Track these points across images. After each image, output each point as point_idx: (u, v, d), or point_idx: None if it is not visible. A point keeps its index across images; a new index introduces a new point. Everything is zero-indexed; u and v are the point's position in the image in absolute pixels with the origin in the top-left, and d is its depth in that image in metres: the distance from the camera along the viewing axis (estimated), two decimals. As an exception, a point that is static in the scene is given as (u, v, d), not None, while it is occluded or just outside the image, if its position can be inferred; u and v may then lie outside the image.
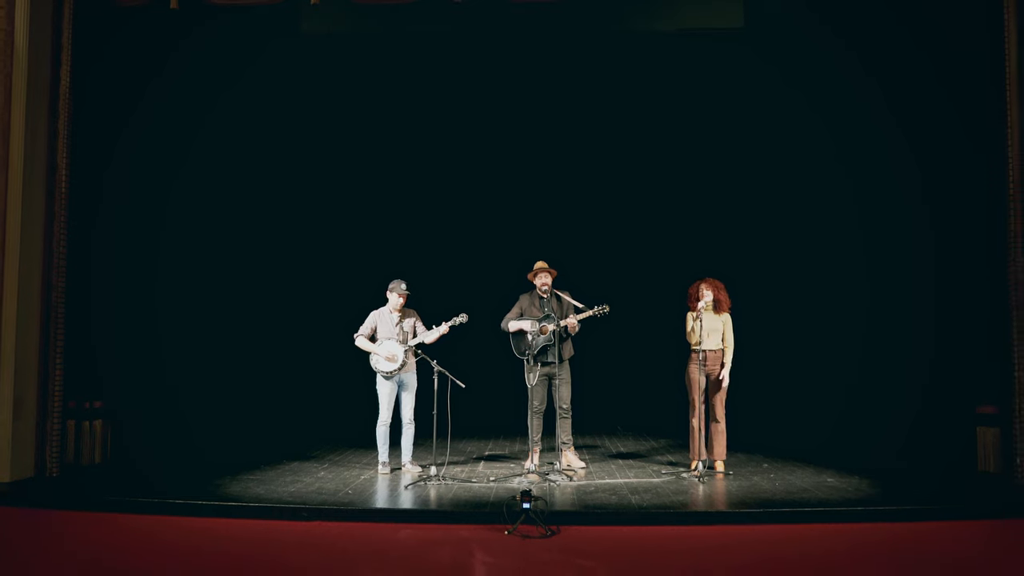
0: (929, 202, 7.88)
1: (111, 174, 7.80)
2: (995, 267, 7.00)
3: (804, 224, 9.59)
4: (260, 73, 9.39)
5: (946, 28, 7.49)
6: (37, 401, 7.00)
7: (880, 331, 8.56)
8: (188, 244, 8.94)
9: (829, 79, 8.98)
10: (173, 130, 8.59)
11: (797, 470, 7.35)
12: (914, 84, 7.96)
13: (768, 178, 9.91)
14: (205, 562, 4.91)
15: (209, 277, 9.24)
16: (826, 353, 9.20)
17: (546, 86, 10.01)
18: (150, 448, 8.06)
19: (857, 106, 8.75)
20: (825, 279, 9.29)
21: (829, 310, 9.23)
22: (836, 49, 8.71)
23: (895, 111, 8.23)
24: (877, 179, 8.63)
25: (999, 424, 7.00)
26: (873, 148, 8.67)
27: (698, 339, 7.04)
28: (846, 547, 5.20)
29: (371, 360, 7.27)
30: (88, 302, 7.51)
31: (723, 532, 5.54)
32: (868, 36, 8.33)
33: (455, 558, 4.99)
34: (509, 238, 9.98)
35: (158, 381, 8.42)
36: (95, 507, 6.11)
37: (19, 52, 6.87)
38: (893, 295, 8.40)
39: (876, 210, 8.65)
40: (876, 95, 8.42)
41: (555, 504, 5.93)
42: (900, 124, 8.18)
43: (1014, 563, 4.94)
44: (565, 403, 7.30)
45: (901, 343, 8.26)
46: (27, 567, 4.80)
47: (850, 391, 8.82)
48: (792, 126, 9.53)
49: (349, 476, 7.12)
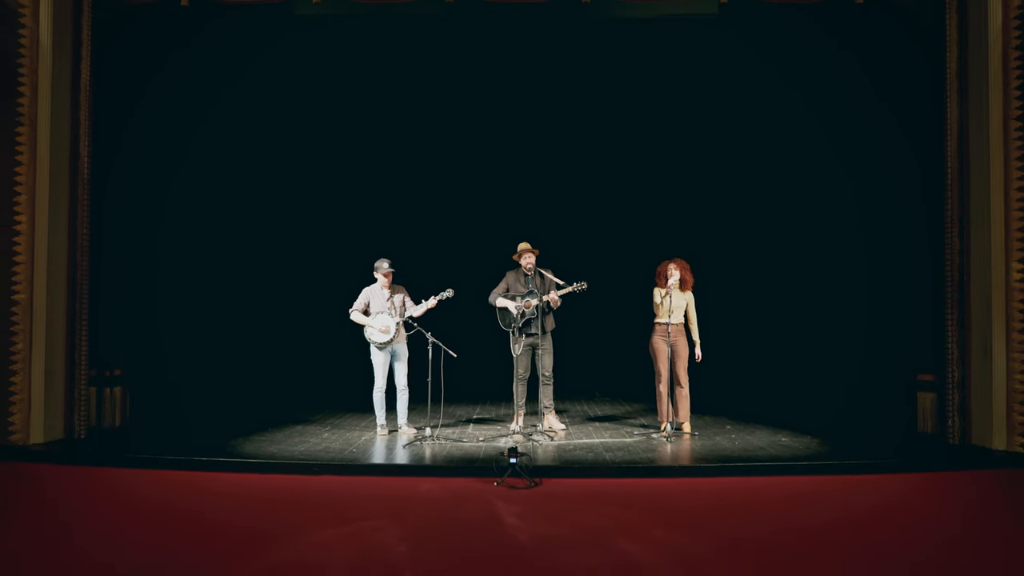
0: (882, 189, 8.57)
1: (120, 159, 8.32)
2: (936, 250, 7.76)
3: (771, 207, 10.36)
4: (258, 61, 9.83)
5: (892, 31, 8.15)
6: (65, 370, 7.65)
7: (836, 307, 9.34)
8: (195, 225, 9.54)
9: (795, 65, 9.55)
10: (175, 119, 9.06)
11: (756, 431, 8.15)
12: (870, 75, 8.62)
13: (730, 165, 10.68)
14: (236, 507, 5.63)
15: (217, 258, 9.93)
16: (788, 325, 10.05)
17: (530, 74, 10.55)
18: (165, 413, 8.73)
19: (821, 94, 9.33)
20: (789, 261, 10.09)
21: (792, 286, 10.03)
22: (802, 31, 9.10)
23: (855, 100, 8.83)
24: (839, 169, 9.28)
25: (936, 390, 7.80)
26: (834, 136, 9.33)
27: (666, 313, 7.78)
28: (790, 495, 5.99)
29: (366, 332, 7.94)
30: (103, 278, 8.11)
31: (685, 483, 6.32)
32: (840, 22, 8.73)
33: (451, 502, 5.72)
34: (495, 218, 10.70)
35: (170, 352, 9.08)
36: (125, 464, 6.80)
37: (44, 48, 7.42)
38: (847, 275, 9.14)
39: (835, 197, 9.35)
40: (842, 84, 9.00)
41: (538, 460, 6.68)
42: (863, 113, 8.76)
43: (940, 508, 5.73)
44: (547, 371, 8.03)
45: (854, 317, 9.03)
46: (74, 514, 5.50)
47: (808, 360, 9.65)
48: (752, 114, 10.22)
49: (351, 437, 7.84)
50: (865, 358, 8.79)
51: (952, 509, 5.76)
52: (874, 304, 8.71)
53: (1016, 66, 7.14)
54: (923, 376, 7.96)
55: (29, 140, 7.32)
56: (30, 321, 7.35)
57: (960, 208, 7.51)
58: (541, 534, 5.02)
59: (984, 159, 7.31)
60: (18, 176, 7.27)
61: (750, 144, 10.47)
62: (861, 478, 6.47)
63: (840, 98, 8.94)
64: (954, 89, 7.53)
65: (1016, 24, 7.13)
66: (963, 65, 7.50)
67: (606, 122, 11.02)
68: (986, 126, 7.29)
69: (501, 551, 4.76)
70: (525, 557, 4.65)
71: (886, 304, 8.50)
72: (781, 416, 8.83)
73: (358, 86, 10.66)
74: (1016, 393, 7.12)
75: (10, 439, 7.21)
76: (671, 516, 5.48)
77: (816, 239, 9.68)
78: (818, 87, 9.22)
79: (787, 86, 9.66)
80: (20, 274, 7.27)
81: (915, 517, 5.50)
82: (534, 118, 10.93)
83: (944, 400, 7.66)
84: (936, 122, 7.68)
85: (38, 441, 7.38)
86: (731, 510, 5.59)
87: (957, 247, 7.53)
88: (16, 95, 7.26)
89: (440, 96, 10.79)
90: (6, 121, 7.25)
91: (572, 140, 11.12)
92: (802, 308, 9.90)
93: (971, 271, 7.46)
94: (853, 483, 6.32)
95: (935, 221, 7.73)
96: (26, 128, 7.29)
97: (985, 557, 4.61)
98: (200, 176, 9.58)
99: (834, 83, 8.98)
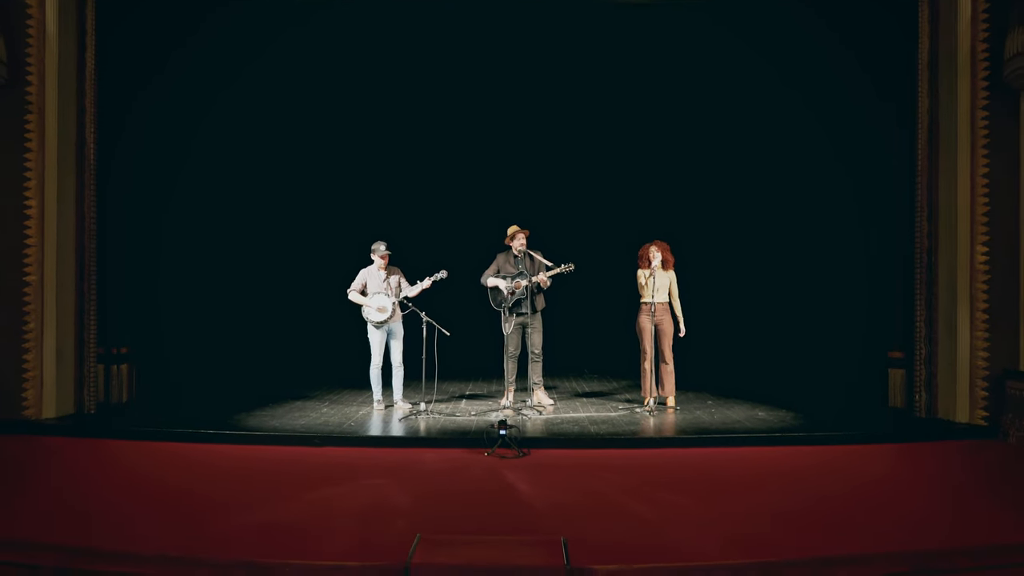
0: (859, 175, 8.90)
1: (123, 145, 8.59)
2: (908, 234, 8.12)
3: (753, 193, 10.76)
4: (260, 51, 10.05)
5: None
6: (75, 349, 7.99)
7: (814, 287, 9.76)
8: (196, 209, 9.85)
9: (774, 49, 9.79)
10: (177, 106, 9.33)
11: (735, 405, 8.56)
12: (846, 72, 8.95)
13: (713, 151, 11.06)
14: (244, 471, 6.03)
15: (218, 241, 10.28)
16: (769, 305, 10.49)
17: (522, 63, 10.73)
18: (169, 389, 9.09)
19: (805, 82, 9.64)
20: (770, 245, 10.53)
21: (773, 268, 10.47)
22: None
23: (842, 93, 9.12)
24: (820, 155, 9.62)
25: (905, 367, 8.23)
26: (815, 123, 9.66)
27: (650, 293, 8.15)
28: (763, 462, 6.40)
29: (363, 311, 8.29)
30: (108, 260, 8.42)
31: (665, 453, 6.73)
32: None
33: (445, 466, 6.11)
34: (487, 202, 11.05)
35: (173, 331, 9.44)
36: (134, 436, 7.16)
37: (50, 37, 7.68)
38: (826, 257, 9.54)
39: (814, 184, 9.72)
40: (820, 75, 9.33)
41: (527, 432, 7.07)
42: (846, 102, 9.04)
43: (905, 476, 6.15)
44: (537, 349, 8.41)
45: (831, 298, 9.44)
46: (87, 482, 5.87)
47: (787, 339, 10.10)
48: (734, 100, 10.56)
49: (349, 412, 8.21)
50: (841, 337, 9.21)
51: (905, 474, 6.18)
52: (850, 285, 9.11)
53: (984, 57, 7.47)
54: (894, 354, 8.38)
55: (37, 127, 7.60)
56: (41, 302, 7.67)
57: (930, 195, 7.88)
58: (526, 483, 5.58)
59: (952, 148, 7.66)
60: (27, 162, 7.56)
61: (733, 130, 10.82)
62: (832, 449, 6.89)
63: (823, 87, 9.24)
64: (925, 79, 7.88)
65: (984, 16, 7.46)
66: (934, 56, 7.84)
67: (593, 109, 11.32)
68: (955, 116, 7.63)
69: (489, 488, 5.36)
70: (510, 494, 5.24)
71: (861, 285, 8.89)
72: (760, 391, 9.26)
73: (356, 76, 10.87)
74: (978, 369, 7.53)
75: (24, 414, 7.56)
76: (648, 475, 5.93)
77: (796, 224, 10.08)
78: (801, 75, 9.51)
79: (769, 73, 9.94)
80: (31, 256, 7.59)
81: (869, 477, 5.94)
82: (526, 105, 11.21)
83: (912, 376, 8.08)
84: (912, 110, 8.04)
85: (50, 416, 7.73)
86: (704, 473, 6.02)
87: (926, 231, 7.91)
88: (24, 83, 7.53)
89: (434, 84, 11.04)
90: (15, 109, 7.52)
91: (562, 126, 11.44)
92: (782, 289, 10.33)
93: (939, 254, 7.84)
94: (823, 453, 6.73)
95: (907, 207, 8.11)
96: (34, 116, 7.58)
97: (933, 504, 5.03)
98: (202, 161, 9.88)
99: (819, 69, 9.23)
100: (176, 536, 4.39)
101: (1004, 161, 7.42)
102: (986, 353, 7.50)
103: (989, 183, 7.46)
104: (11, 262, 7.55)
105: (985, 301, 7.50)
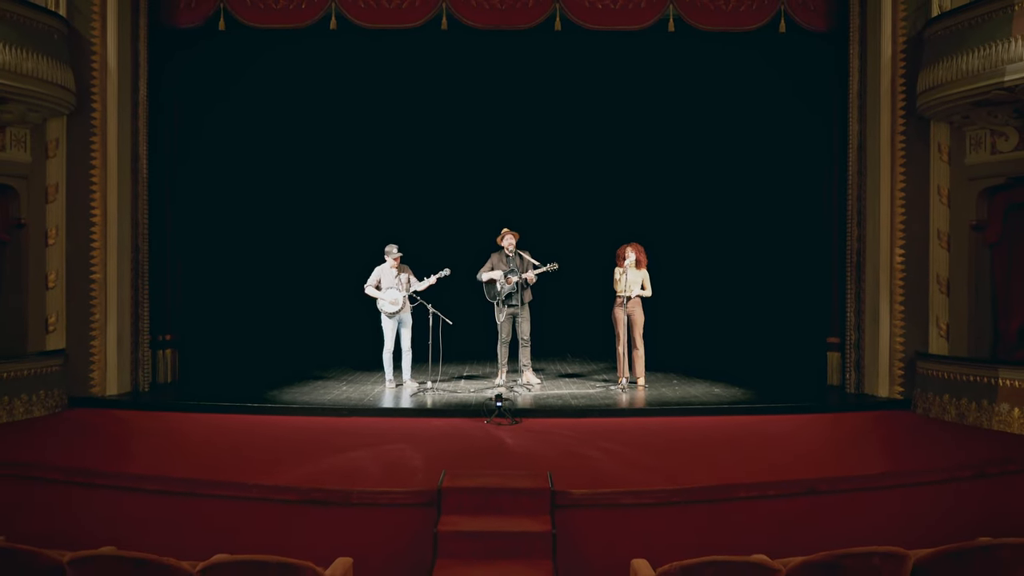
0: (806, 186, 10.37)
1: (169, 160, 9.96)
2: (841, 237, 9.58)
3: (717, 201, 12.28)
4: (282, 74, 11.45)
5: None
6: (132, 336, 9.34)
7: (766, 282, 11.29)
8: (230, 217, 11.32)
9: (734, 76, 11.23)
10: (214, 126, 10.75)
11: (697, 383, 10.01)
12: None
13: (681, 163, 12.60)
14: (289, 438, 7.42)
15: (251, 243, 11.82)
16: (728, 298, 12.02)
17: (515, 86, 12.14)
18: (207, 371, 10.46)
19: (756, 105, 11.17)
20: (729, 245, 12.06)
21: (732, 265, 11.99)
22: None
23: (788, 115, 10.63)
24: (773, 168, 11.14)
25: (839, 350, 9.69)
26: (769, 140, 11.15)
27: (624, 288, 9.56)
28: (711, 428, 7.85)
29: (378, 303, 9.62)
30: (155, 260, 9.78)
31: (632, 421, 8.18)
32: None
33: (454, 434, 7.52)
34: (485, 208, 12.39)
35: (209, 322, 10.83)
36: (186, 409, 8.53)
37: (111, 70, 8.99)
38: (776, 257, 11.06)
39: (769, 194, 11.25)
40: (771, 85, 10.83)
41: (518, 405, 8.49)
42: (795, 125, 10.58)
43: (829, 436, 7.62)
44: (526, 336, 9.79)
45: (781, 292, 10.94)
46: (166, 441, 7.26)
47: (744, 327, 11.62)
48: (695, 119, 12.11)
49: (365, 389, 9.60)
50: (789, 325, 10.72)
51: (823, 434, 7.66)
52: (797, 281, 10.60)
53: (901, 91, 8.90)
54: (831, 339, 9.85)
55: (101, 147, 8.93)
56: (104, 296, 9.02)
57: (859, 204, 9.31)
58: (518, 441, 7.10)
59: (876, 165, 9.09)
60: (93, 177, 8.89)
61: (700, 147, 12.34)
62: (773, 417, 8.36)
63: (775, 114, 10.79)
64: (855, 107, 9.30)
65: (902, 57, 8.88)
66: (863, 89, 9.25)
67: (578, 126, 12.80)
68: (878, 139, 9.05)
69: (491, 445, 6.88)
70: (508, 449, 6.72)
71: (805, 281, 10.37)
72: (719, 372, 10.71)
73: (373, 96, 12.36)
74: (896, 352, 8.99)
75: (91, 391, 8.92)
76: (616, 436, 7.37)
77: (752, 227, 11.62)
78: (757, 105, 11.05)
79: (731, 100, 11.48)
80: (96, 257, 8.92)
81: (792, 437, 7.42)
82: (519, 122, 12.67)
83: (845, 358, 9.54)
84: (844, 133, 9.49)
85: (112, 393, 9.08)
86: (661, 436, 7.48)
87: (856, 235, 9.35)
88: (90, 111, 8.85)
89: (441, 104, 12.52)
90: (82, 132, 8.84)
91: (550, 139, 12.90)
92: (740, 284, 11.88)
93: (866, 255, 9.27)
94: (763, 421, 8.20)
95: (841, 214, 9.56)
96: (98, 137, 8.90)
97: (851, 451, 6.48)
98: (235, 174, 11.37)
99: (772, 100, 10.80)
100: (258, 478, 5.78)
101: (917, 177, 8.86)
102: (902, 339, 8.95)
103: (905, 196, 8.90)
104: (80, 261, 8.89)
105: (902, 295, 8.95)
